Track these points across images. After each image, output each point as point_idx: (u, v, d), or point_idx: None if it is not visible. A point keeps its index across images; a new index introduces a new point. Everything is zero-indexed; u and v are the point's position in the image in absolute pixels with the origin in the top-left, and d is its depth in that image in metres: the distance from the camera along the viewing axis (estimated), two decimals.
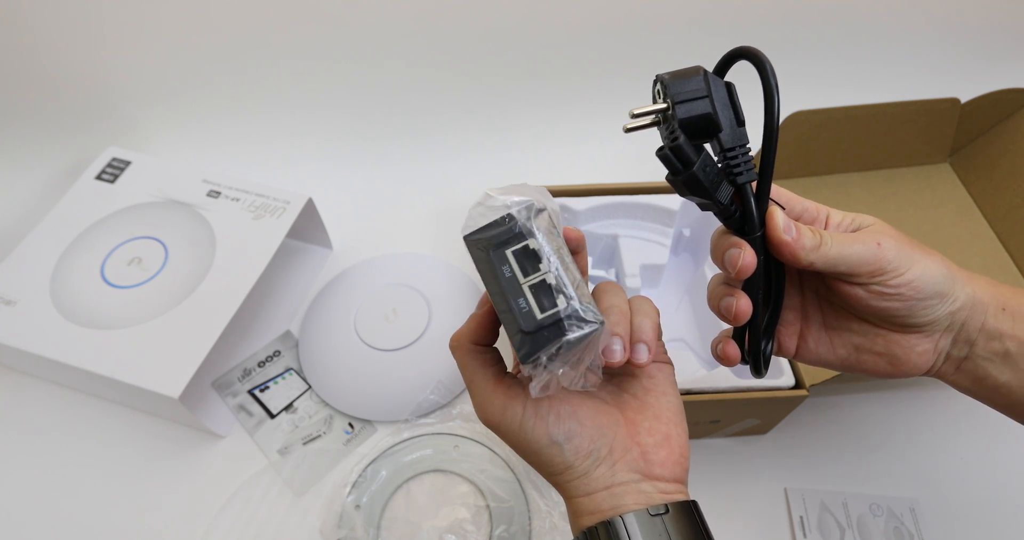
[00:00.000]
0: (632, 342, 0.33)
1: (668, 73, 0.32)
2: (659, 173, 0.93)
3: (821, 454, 0.65)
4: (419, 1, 0.76)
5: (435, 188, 0.85)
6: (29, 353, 0.59)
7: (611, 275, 0.68)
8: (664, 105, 0.31)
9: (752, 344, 0.38)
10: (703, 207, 0.34)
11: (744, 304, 0.35)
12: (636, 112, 0.33)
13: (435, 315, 0.69)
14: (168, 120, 0.82)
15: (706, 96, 0.31)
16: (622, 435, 0.34)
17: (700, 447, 0.65)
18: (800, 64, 0.90)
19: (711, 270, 0.66)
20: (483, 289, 0.79)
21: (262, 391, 0.67)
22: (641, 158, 0.89)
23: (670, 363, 0.37)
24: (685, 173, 0.31)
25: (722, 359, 0.39)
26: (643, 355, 0.32)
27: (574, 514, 0.35)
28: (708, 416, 0.59)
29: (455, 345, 0.35)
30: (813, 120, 0.68)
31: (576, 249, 0.34)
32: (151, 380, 0.56)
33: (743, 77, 0.35)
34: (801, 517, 0.61)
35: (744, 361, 0.39)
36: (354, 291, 0.71)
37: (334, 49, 0.79)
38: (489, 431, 0.63)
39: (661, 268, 0.66)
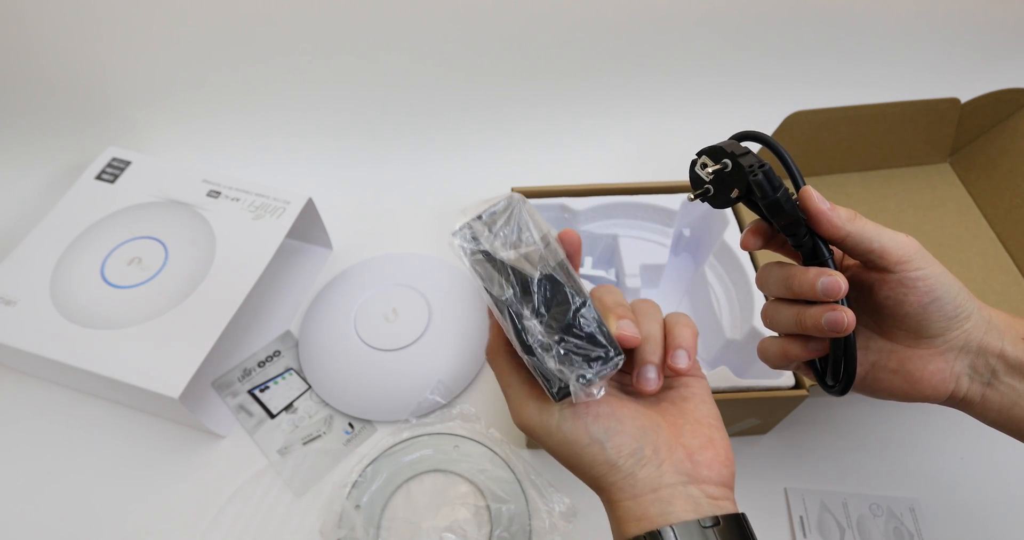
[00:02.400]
0: (671, 349, 0.35)
1: (706, 147, 0.37)
2: (659, 173, 0.94)
3: (821, 454, 0.65)
4: (419, 0, 0.76)
5: (435, 188, 0.85)
6: (29, 353, 0.59)
7: (611, 275, 0.68)
8: (718, 166, 0.36)
9: (849, 361, 0.38)
10: (786, 228, 0.37)
11: (852, 313, 0.36)
12: (707, 173, 0.37)
13: (435, 315, 0.69)
14: (168, 120, 0.82)
15: (749, 151, 0.36)
16: (665, 436, 0.34)
17: None
18: (800, 64, 0.90)
19: (711, 270, 0.66)
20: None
21: (262, 391, 0.67)
22: (641, 158, 0.89)
23: (704, 377, 0.38)
24: (781, 189, 0.35)
25: (780, 361, 0.41)
26: (683, 360, 0.35)
27: (618, 521, 0.34)
28: None
29: (492, 354, 0.36)
30: (813, 120, 0.68)
31: (572, 253, 0.35)
32: (151, 380, 0.56)
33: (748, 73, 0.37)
34: (801, 517, 0.61)
35: (825, 383, 0.41)
36: (354, 291, 0.71)
37: (334, 48, 0.79)
38: (489, 431, 0.64)
39: (661, 268, 0.66)
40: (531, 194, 0.67)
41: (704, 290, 0.65)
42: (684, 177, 0.39)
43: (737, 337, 0.60)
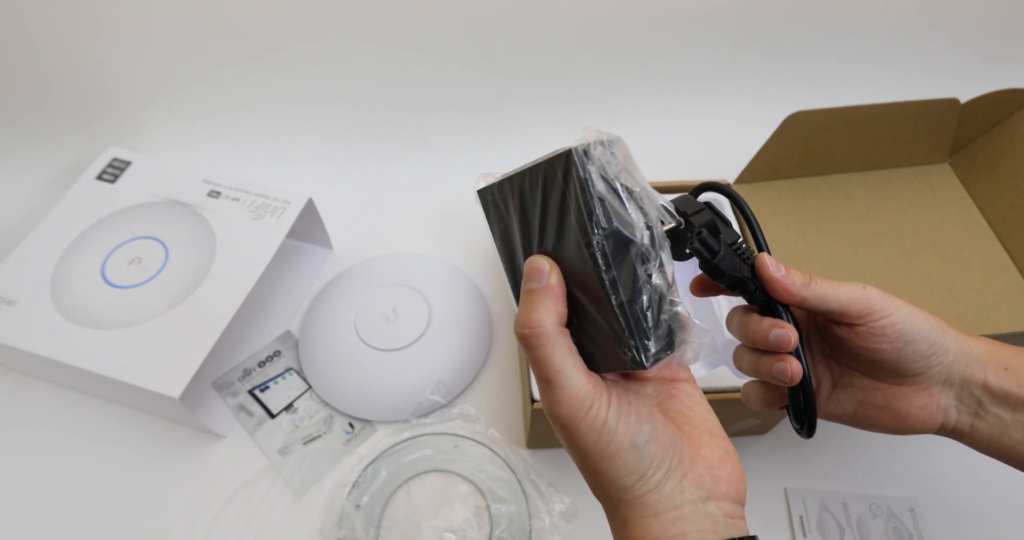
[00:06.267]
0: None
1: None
2: (658, 173, 0.94)
3: (821, 454, 0.65)
4: (420, 1, 0.76)
5: (436, 188, 0.85)
6: (29, 353, 0.59)
7: None
8: (673, 224, 0.37)
9: (808, 405, 0.39)
10: (733, 286, 0.38)
11: (798, 366, 0.37)
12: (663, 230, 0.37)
13: (435, 315, 0.69)
14: (168, 120, 0.82)
15: (704, 207, 0.37)
16: (687, 447, 0.33)
17: None
18: (800, 64, 0.90)
19: None
20: (483, 292, 0.78)
21: (262, 391, 0.67)
22: (640, 158, 0.89)
23: (694, 381, 0.38)
24: (719, 254, 0.36)
25: (758, 404, 0.42)
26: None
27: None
28: None
29: (537, 331, 0.30)
30: (813, 120, 0.68)
31: None
32: (151, 380, 0.57)
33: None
34: (801, 517, 0.61)
35: (796, 423, 0.42)
36: (354, 291, 0.71)
37: (335, 48, 0.79)
38: (489, 431, 0.63)
39: None
40: None
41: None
42: (684, 177, 0.40)
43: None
